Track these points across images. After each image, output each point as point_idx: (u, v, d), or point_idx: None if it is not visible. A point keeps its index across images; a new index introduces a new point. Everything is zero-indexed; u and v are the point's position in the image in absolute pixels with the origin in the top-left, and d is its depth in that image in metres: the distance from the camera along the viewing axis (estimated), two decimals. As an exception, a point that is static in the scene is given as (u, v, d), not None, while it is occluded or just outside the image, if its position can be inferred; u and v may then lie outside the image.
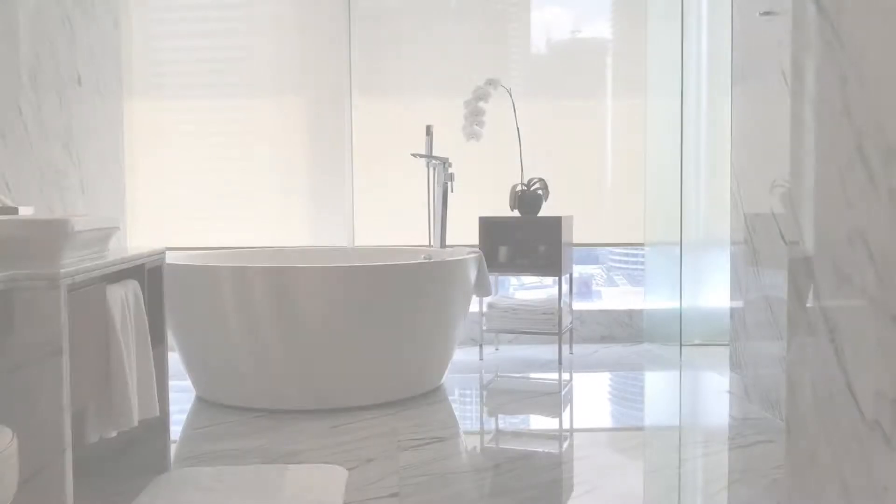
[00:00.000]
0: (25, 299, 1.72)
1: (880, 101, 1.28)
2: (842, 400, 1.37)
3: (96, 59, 3.86)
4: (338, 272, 3.26)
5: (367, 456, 2.74)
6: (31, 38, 3.20)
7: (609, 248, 5.45)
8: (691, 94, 4.57)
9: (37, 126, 3.25)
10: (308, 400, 3.29)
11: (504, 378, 3.98)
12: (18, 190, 3.08)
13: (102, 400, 2.07)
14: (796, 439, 1.58)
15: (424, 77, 4.80)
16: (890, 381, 1.26)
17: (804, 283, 1.54)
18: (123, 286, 2.18)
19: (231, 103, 4.76)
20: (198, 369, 3.47)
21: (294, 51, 4.75)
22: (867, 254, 1.30)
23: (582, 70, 4.91)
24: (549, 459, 2.74)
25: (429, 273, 3.44)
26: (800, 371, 1.56)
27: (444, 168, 4.25)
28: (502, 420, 3.33)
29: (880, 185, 1.27)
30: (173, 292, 3.24)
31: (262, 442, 2.91)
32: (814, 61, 1.50)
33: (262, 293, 3.22)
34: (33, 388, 1.73)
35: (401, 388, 3.45)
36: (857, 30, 1.34)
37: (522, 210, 4.33)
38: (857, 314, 1.36)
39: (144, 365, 2.25)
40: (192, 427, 3.13)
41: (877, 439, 1.28)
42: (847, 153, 1.35)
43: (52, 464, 1.74)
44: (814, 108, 1.50)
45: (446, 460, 2.72)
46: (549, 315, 4.20)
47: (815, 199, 1.49)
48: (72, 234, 1.94)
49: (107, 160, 4.04)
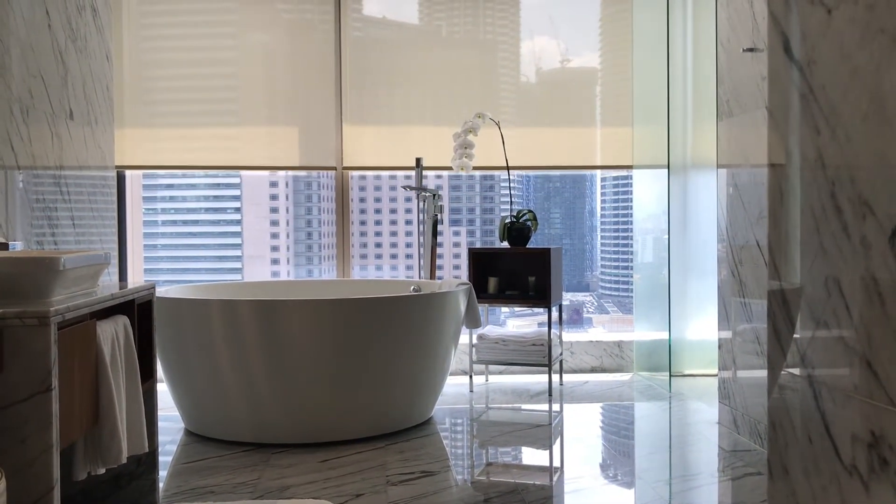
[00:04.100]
0: (15, 337, 1.73)
1: (851, 153, 1.32)
2: (820, 443, 1.39)
3: (88, 93, 3.89)
4: (327, 305, 3.28)
5: (356, 490, 2.74)
6: (24, 72, 3.23)
7: (599, 276, 5.48)
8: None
9: (28, 160, 3.27)
10: (297, 434, 3.28)
11: (494, 409, 3.99)
12: (8, 224, 3.09)
13: (92, 436, 2.07)
14: (777, 480, 1.60)
15: (415, 107, 4.84)
16: (864, 425, 1.28)
17: (783, 326, 1.57)
18: (113, 321, 2.19)
19: (223, 132, 4.79)
20: (187, 403, 3.46)
21: (285, 81, 4.79)
22: (842, 300, 1.33)
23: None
24: (539, 493, 2.74)
25: (418, 305, 3.46)
26: (780, 412, 1.58)
27: (435, 200, 4.28)
28: (493, 452, 3.33)
29: (853, 234, 1.30)
30: (163, 326, 3.25)
31: (251, 476, 2.90)
32: (789, 111, 1.54)
33: (251, 327, 3.23)
34: (22, 425, 1.73)
35: (390, 421, 3.45)
36: (828, 83, 1.38)
37: (511, 241, 4.36)
38: (832, 359, 1.38)
39: (134, 401, 2.26)
40: (180, 461, 3.12)
41: (855, 483, 1.30)
42: (821, 202, 1.38)
43: (40, 501, 1.74)
44: (790, 156, 1.53)
45: (436, 495, 2.72)
46: (538, 346, 4.21)
47: (791, 245, 1.52)
48: (62, 271, 1.95)
49: (99, 194, 4.06)
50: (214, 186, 5.22)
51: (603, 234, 5.45)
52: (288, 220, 5.07)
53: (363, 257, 4.98)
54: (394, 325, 3.35)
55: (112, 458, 2.08)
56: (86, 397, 1.99)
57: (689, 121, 4.65)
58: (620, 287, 5.37)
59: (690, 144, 4.64)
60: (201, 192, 5.26)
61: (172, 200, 5.24)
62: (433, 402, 3.71)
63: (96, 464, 2.09)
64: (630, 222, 5.08)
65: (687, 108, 4.66)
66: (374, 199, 5.04)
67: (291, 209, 5.06)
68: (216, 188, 5.23)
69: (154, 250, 5.07)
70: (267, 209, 5.12)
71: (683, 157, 4.65)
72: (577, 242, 5.46)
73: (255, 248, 5.10)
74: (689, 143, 4.64)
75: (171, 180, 5.18)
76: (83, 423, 1.98)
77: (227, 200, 5.22)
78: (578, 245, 5.46)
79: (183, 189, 5.25)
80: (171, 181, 5.16)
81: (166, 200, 5.20)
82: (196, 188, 5.24)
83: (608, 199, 5.42)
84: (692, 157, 4.63)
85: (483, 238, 5.21)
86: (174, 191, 5.24)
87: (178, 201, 5.25)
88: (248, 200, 5.10)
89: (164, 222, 5.17)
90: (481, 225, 5.23)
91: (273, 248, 5.09)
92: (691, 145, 4.64)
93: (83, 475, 2.07)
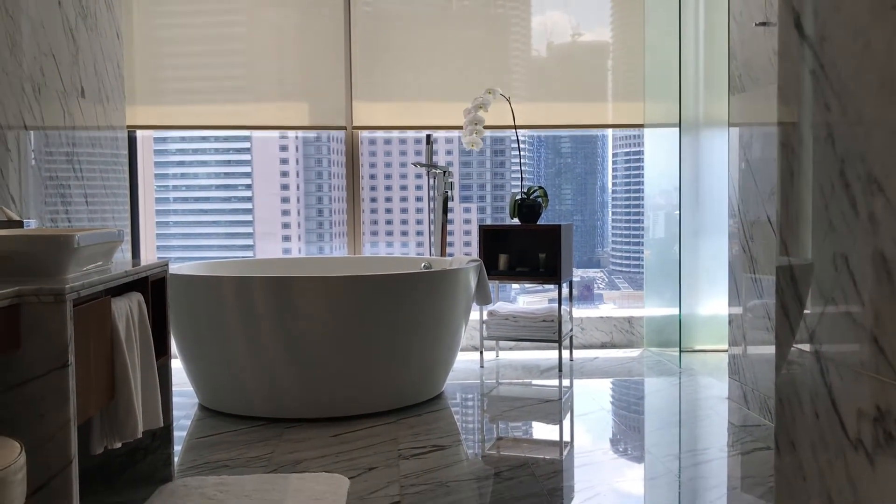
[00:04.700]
0: (32, 314, 1.75)
1: (861, 130, 1.32)
2: (827, 418, 1.40)
3: (99, 71, 3.90)
4: (339, 282, 3.30)
5: (369, 464, 2.77)
6: (35, 50, 3.24)
7: (610, 252, 5.49)
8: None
9: (40, 138, 3.29)
10: (310, 409, 3.32)
11: (504, 385, 4.01)
12: (22, 202, 3.12)
13: (108, 412, 2.10)
14: (785, 454, 1.61)
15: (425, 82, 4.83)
16: (871, 400, 1.29)
17: (791, 303, 1.57)
18: (128, 298, 2.21)
19: (234, 108, 4.80)
20: (201, 378, 3.50)
21: (294, 57, 4.78)
22: (849, 277, 1.33)
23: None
24: (549, 467, 2.77)
25: (429, 282, 3.47)
26: (788, 388, 1.59)
27: (445, 177, 4.28)
28: (503, 427, 3.36)
29: (861, 211, 1.30)
30: (177, 302, 3.28)
31: (264, 451, 2.94)
32: (800, 87, 1.54)
33: (264, 303, 3.25)
34: (40, 401, 1.76)
35: (402, 396, 3.48)
36: (840, 60, 1.38)
37: (522, 218, 4.36)
38: (840, 335, 1.39)
39: (149, 376, 2.29)
40: (195, 436, 3.17)
41: (860, 458, 1.31)
42: (830, 178, 1.38)
43: (58, 475, 1.77)
44: (800, 133, 1.53)
45: (447, 468, 2.75)
46: (549, 323, 4.23)
47: (801, 221, 1.53)
48: (76, 249, 1.97)
49: (111, 171, 4.08)
50: (224, 152, 5.23)
51: (614, 210, 5.44)
52: (299, 197, 5.08)
53: (374, 234, 5.00)
54: (405, 302, 3.37)
55: (128, 432, 2.12)
56: (102, 373, 2.02)
57: (701, 95, 4.63)
58: (631, 263, 5.38)
59: (702, 109, 4.62)
60: (212, 156, 5.27)
61: (184, 178, 5.26)
62: (444, 378, 3.74)
63: (113, 438, 2.12)
64: (641, 198, 5.07)
65: (699, 83, 4.63)
66: (385, 163, 5.04)
67: (302, 184, 5.07)
68: (226, 153, 5.24)
69: (166, 227, 5.10)
70: (278, 186, 5.13)
71: (696, 116, 4.62)
72: (588, 218, 5.46)
73: (266, 226, 5.13)
74: (700, 107, 4.62)
75: (182, 150, 5.19)
76: (100, 398, 2.01)
77: (237, 178, 5.23)
78: (589, 221, 5.46)
79: (194, 154, 5.26)
80: (182, 147, 5.18)
81: (178, 178, 5.22)
82: (206, 153, 5.26)
83: (619, 174, 5.40)
84: (704, 117, 4.61)
85: (494, 215, 5.21)
86: (185, 156, 5.25)
87: (189, 178, 5.27)
88: (259, 172, 5.10)
89: (175, 199, 5.20)
90: (492, 201, 5.23)
91: (284, 224, 5.11)
92: (703, 110, 4.62)
93: (100, 449, 2.10)
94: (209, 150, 5.24)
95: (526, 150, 4.97)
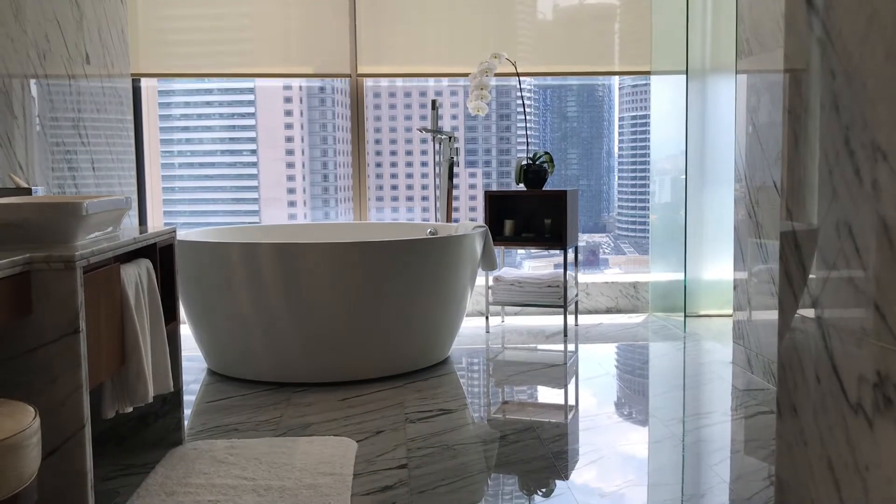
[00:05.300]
0: (42, 280, 1.77)
1: (866, 98, 1.32)
2: (828, 383, 1.42)
3: (103, 37, 3.89)
4: (346, 248, 3.31)
5: (376, 428, 2.81)
6: (40, 18, 3.23)
7: (616, 217, 5.49)
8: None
9: (46, 104, 3.29)
10: (318, 373, 3.36)
11: (510, 349, 4.04)
12: (29, 169, 3.13)
13: (119, 377, 2.13)
14: (786, 419, 1.63)
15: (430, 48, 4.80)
16: (871, 365, 1.30)
17: (795, 269, 1.58)
18: (137, 265, 2.23)
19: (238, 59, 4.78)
20: (209, 344, 3.54)
21: (299, 20, 4.75)
22: (852, 244, 1.34)
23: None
24: (555, 430, 2.80)
25: (435, 248, 3.49)
26: (791, 353, 1.61)
27: (451, 143, 4.27)
28: (508, 391, 3.39)
29: (865, 179, 1.31)
30: (185, 269, 3.31)
31: (273, 415, 2.98)
32: (806, 54, 1.53)
33: (271, 269, 3.27)
34: (52, 366, 1.78)
35: (408, 361, 3.51)
36: (846, 28, 1.37)
37: (528, 184, 4.36)
38: (842, 301, 1.40)
39: (158, 342, 2.31)
40: (204, 401, 3.21)
41: (860, 421, 1.33)
42: (835, 146, 1.38)
43: (72, 439, 1.81)
44: (805, 100, 1.53)
45: (453, 432, 2.79)
46: (554, 288, 4.25)
47: (805, 188, 1.53)
48: (84, 216, 1.99)
49: (116, 138, 4.08)
50: (228, 104, 5.23)
51: (620, 175, 5.43)
52: (304, 163, 5.08)
53: (379, 199, 5.00)
54: (411, 268, 3.39)
55: (139, 397, 2.15)
56: (112, 339, 2.04)
57: (708, 58, 4.59)
58: (637, 228, 5.38)
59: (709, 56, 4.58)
60: (216, 109, 5.26)
61: (189, 143, 5.25)
62: (450, 343, 3.77)
63: (124, 403, 2.15)
64: (647, 163, 5.05)
65: (706, 46, 4.59)
66: (390, 128, 5.02)
67: (307, 149, 5.06)
68: (230, 105, 5.23)
69: (172, 193, 5.11)
70: (282, 149, 5.13)
71: (702, 61, 4.59)
72: (594, 184, 5.45)
73: (271, 191, 5.13)
74: (707, 46, 4.57)
75: (186, 114, 5.19)
76: (110, 364, 2.03)
77: (242, 143, 5.23)
78: (595, 186, 5.45)
79: (198, 118, 5.25)
80: (186, 110, 5.17)
81: (182, 143, 5.22)
82: (211, 106, 5.25)
83: (626, 139, 5.38)
84: (711, 62, 4.58)
85: (499, 180, 5.21)
86: (189, 122, 5.24)
87: (194, 143, 5.27)
88: (263, 128, 5.09)
89: (180, 165, 5.20)
90: (497, 167, 5.22)
91: (290, 190, 5.12)
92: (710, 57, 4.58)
93: (112, 414, 2.14)
94: (213, 104, 5.23)
95: (532, 113, 4.95)
